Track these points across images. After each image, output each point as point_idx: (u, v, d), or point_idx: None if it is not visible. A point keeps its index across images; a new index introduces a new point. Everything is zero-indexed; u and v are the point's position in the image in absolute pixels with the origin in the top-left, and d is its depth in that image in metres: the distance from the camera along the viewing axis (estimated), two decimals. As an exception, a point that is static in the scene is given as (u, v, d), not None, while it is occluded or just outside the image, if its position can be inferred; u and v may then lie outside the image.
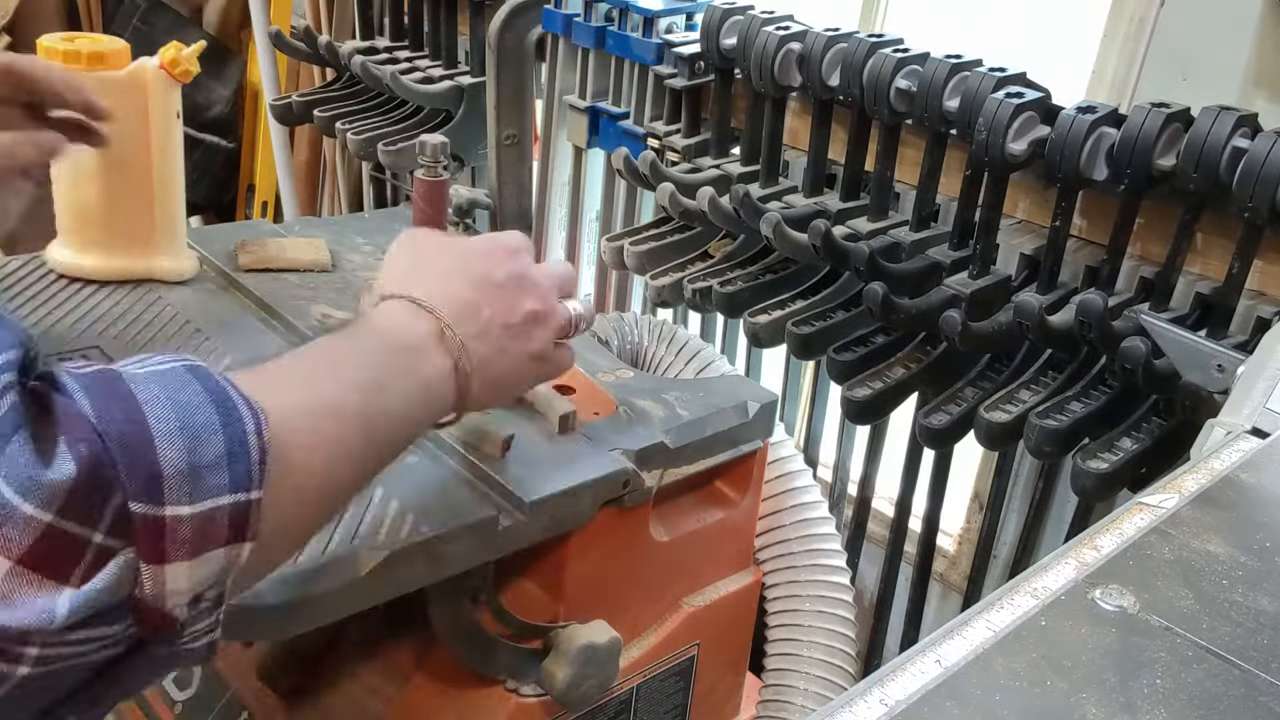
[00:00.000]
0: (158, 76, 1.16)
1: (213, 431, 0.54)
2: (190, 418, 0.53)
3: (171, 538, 0.51)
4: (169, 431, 0.52)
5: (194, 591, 0.53)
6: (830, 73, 1.39)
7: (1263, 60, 1.17)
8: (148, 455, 0.51)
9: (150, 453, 0.51)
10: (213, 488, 0.53)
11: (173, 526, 0.51)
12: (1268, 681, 0.57)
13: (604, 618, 0.96)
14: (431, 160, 1.16)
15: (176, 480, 0.51)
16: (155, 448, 0.51)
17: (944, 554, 1.62)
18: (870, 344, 1.37)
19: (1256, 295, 1.17)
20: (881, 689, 0.55)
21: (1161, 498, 0.74)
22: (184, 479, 0.52)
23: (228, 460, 0.54)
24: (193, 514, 0.52)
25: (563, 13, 1.72)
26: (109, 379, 0.53)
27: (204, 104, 2.68)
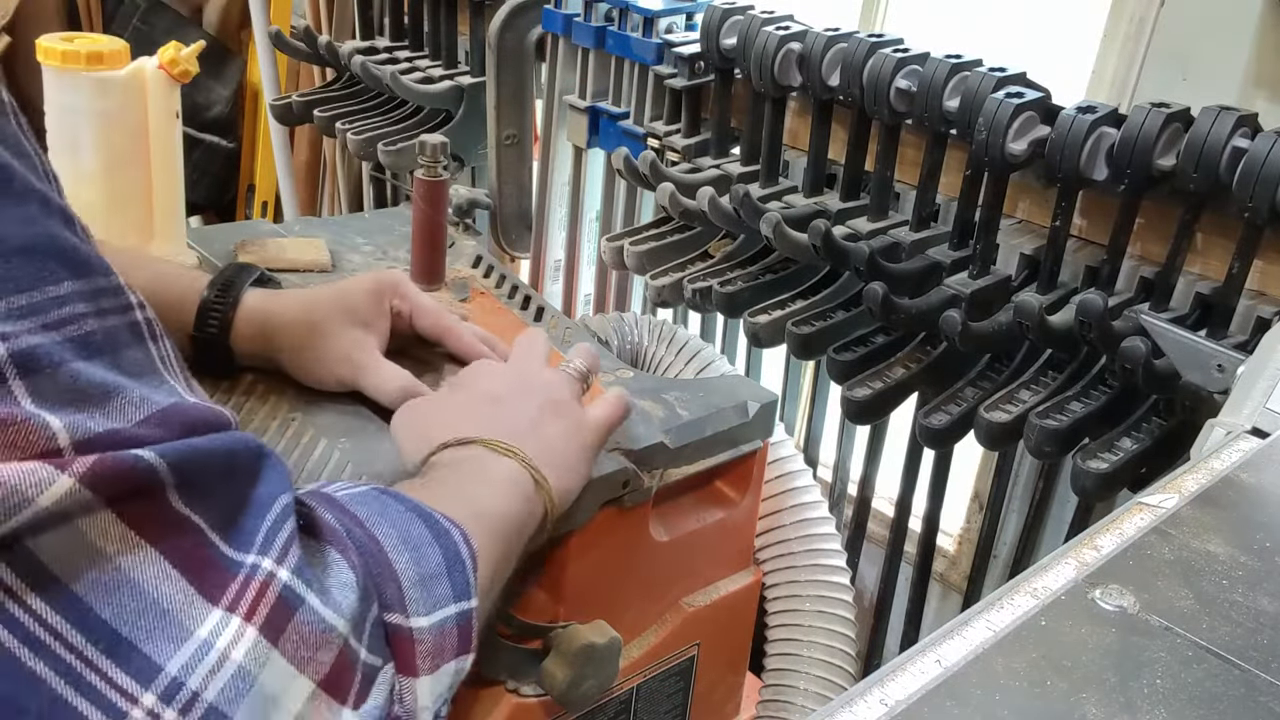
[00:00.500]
0: (157, 76, 1.16)
1: (427, 544, 0.54)
2: (407, 531, 0.53)
3: (419, 650, 0.51)
4: (395, 544, 0.52)
5: (435, 708, 0.52)
6: (830, 73, 1.39)
7: (1263, 60, 1.17)
8: (388, 566, 0.51)
9: (388, 563, 0.51)
10: (440, 598, 0.53)
11: (419, 638, 0.51)
12: (1268, 681, 0.57)
13: (604, 618, 0.96)
14: (431, 160, 1.16)
15: (414, 590, 0.51)
16: (389, 559, 0.51)
17: (944, 554, 1.62)
18: (870, 344, 1.37)
19: (1256, 295, 1.17)
20: (881, 689, 0.55)
21: (1161, 498, 0.74)
22: (418, 589, 0.51)
23: (447, 571, 0.54)
24: (429, 625, 0.51)
25: (563, 13, 1.72)
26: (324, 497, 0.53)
27: (204, 104, 2.68)
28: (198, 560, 0.43)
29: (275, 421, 0.94)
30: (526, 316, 1.22)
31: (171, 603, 0.41)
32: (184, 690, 0.40)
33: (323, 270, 1.28)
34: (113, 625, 0.40)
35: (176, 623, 0.41)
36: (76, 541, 0.40)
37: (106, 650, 0.40)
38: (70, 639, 0.39)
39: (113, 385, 0.42)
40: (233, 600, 0.43)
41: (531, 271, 2.01)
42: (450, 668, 0.53)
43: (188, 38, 1.26)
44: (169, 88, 1.18)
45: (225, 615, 0.42)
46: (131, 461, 0.41)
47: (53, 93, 1.14)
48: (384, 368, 0.93)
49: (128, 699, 0.40)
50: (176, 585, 0.42)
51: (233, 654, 0.42)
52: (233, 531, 0.44)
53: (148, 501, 0.42)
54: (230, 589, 0.43)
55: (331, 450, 0.91)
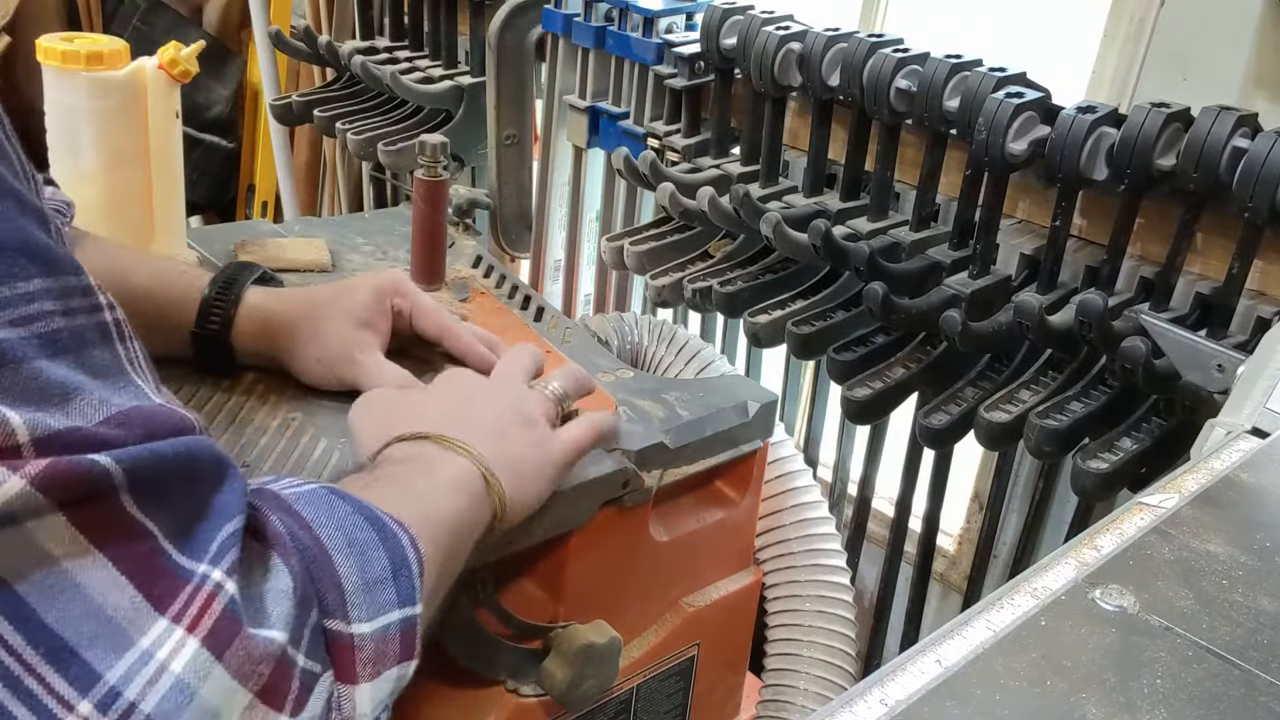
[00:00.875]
0: (157, 76, 1.16)
1: (374, 547, 0.53)
2: (352, 534, 0.52)
3: (360, 657, 0.50)
4: (340, 547, 0.51)
5: (374, 715, 0.52)
6: (830, 73, 1.39)
7: (1263, 60, 1.17)
8: (331, 570, 0.50)
9: (331, 568, 0.50)
10: (384, 604, 0.52)
11: (360, 645, 0.50)
12: (1268, 681, 0.57)
13: (604, 618, 0.96)
14: (431, 160, 1.16)
15: (356, 596, 0.50)
16: (333, 563, 0.50)
17: (944, 554, 1.62)
18: (870, 344, 1.37)
19: (1256, 295, 1.17)
20: (881, 689, 0.55)
21: (1161, 498, 0.74)
22: (361, 594, 0.51)
23: (393, 576, 0.53)
24: (371, 631, 0.51)
25: (563, 13, 1.72)
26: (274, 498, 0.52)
27: (204, 104, 2.68)
28: (148, 567, 0.42)
29: (275, 421, 0.94)
30: (526, 316, 1.22)
31: (116, 610, 0.41)
32: (121, 699, 0.40)
33: (323, 270, 1.28)
34: (55, 630, 0.40)
35: (120, 631, 0.41)
36: (24, 544, 0.39)
37: (46, 655, 0.39)
38: (10, 641, 0.39)
39: (74, 385, 0.42)
40: (179, 611, 0.42)
41: (531, 271, 2.01)
42: (392, 674, 0.53)
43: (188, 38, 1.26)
44: (169, 88, 1.18)
45: (170, 625, 0.42)
46: (87, 466, 0.41)
47: (53, 93, 1.14)
48: (384, 368, 0.93)
49: (64, 706, 0.39)
50: (124, 593, 0.41)
51: (172, 665, 0.41)
52: (186, 540, 0.44)
53: (100, 506, 0.41)
54: (179, 598, 0.43)
55: (331, 450, 0.91)
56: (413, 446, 0.71)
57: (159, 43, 1.19)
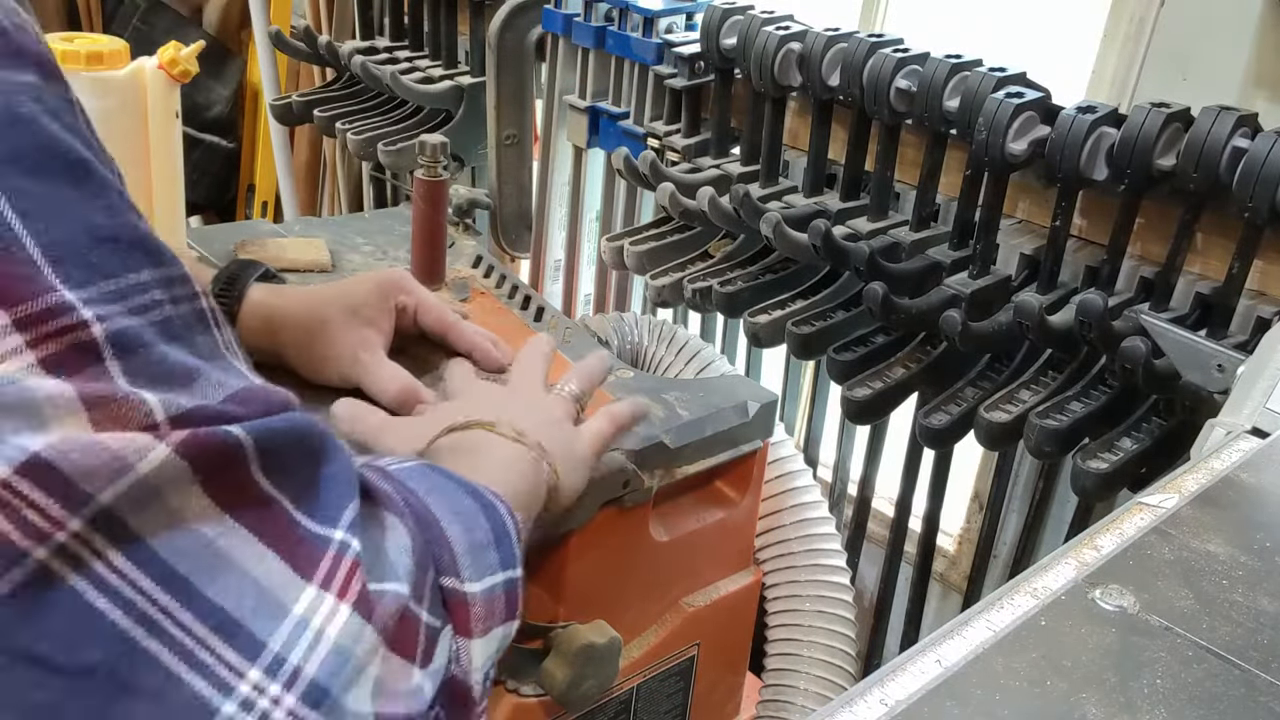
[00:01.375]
0: (157, 76, 1.16)
1: (476, 515, 0.56)
2: (456, 504, 0.56)
3: (473, 614, 0.53)
4: (447, 515, 0.54)
5: (484, 669, 0.55)
6: (830, 73, 1.39)
7: (1263, 60, 1.17)
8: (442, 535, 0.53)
9: (441, 533, 0.53)
10: (490, 565, 0.55)
11: (472, 603, 0.53)
12: (1268, 681, 0.57)
13: (604, 618, 0.96)
14: (431, 160, 1.16)
15: (466, 558, 0.53)
16: (443, 527, 0.53)
17: (944, 554, 1.62)
18: (870, 344, 1.37)
19: (1256, 295, 1.17)
20: (881, 689, 0.55)
21: (1161, 498, 0.74)
22: (469, 557, 0.54)
23: (495, 542, 0.56)
24: (481, 591, 0.54)
25: (563, 13, 1.72)
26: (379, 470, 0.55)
27: (204, 104, 2.68)
28: (287, 537, 0.44)
29: (275, 421, 0.94)
30: (526, 316, 1.22)
31: (269, 580, 0.43)
32: (286, 665, 0.42)
33: (323, 270, 1.28)
34: (218, 603, 0.42)
35: (275, 600, 0.43)
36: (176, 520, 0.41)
37: (215, 628, 0.41)
38: (180, 618, 0.41)
39: (194, 367, 0.44)
40: (325, 577, 0.45)
41: (531, 271, 2.01)
42: (499, 632, 0.56)
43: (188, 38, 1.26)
44: (169, 88, 1.18)
45: (319, 593, 0.44)
46: (222, 436, 0.42)
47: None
48: (385, 368, 0.93)
49: (235, 674, 0.41)
50: (271, 563, 0.43)
51: (328, 631, 0.44)
52: (314, 507, 0.46)
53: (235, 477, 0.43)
54: (321, 565, 0.45)
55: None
56: (463, 436, 0.74)
57: (159, 43, 1.19)
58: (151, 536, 0.41)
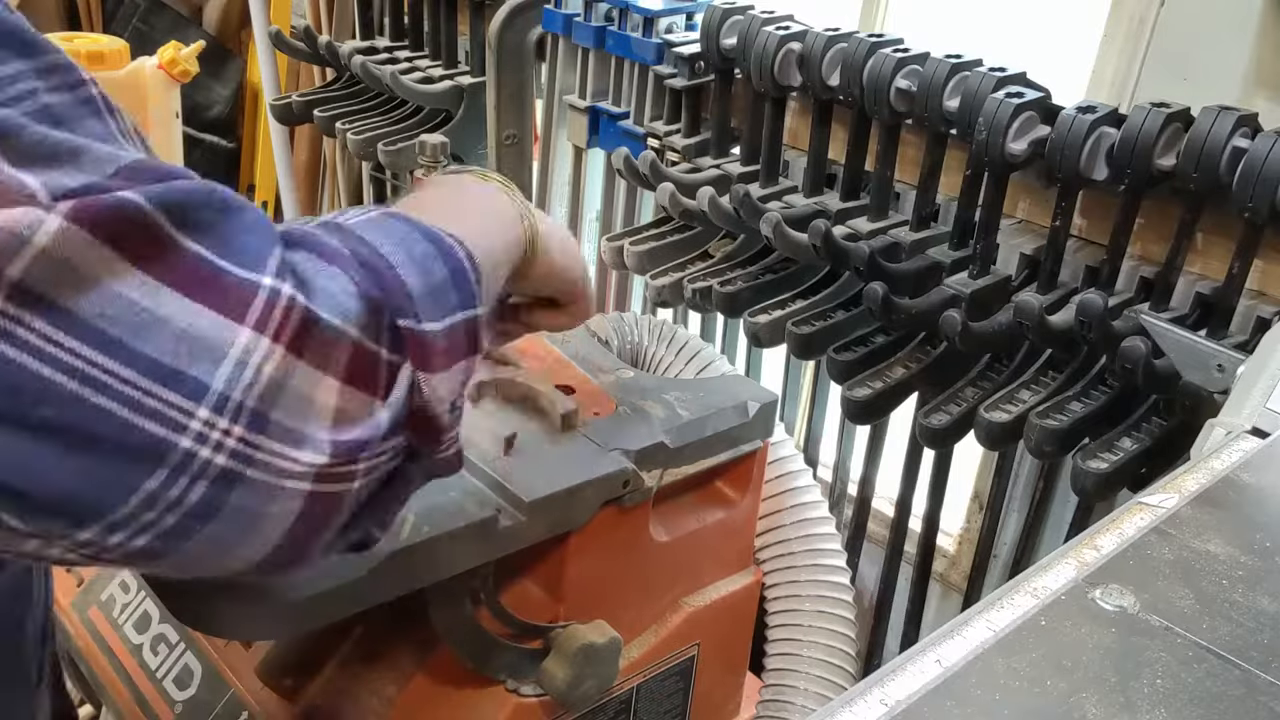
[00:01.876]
0: (156, 76, 1.16)
1: (433, 259, 0.58)
2: (412, 250, 0.58)
3: (433, 350, 0.56)
4: (402, 261, 0.56)
5: (451, 399, 0.58)
6: (830, 73, 1.39)
7: (1263, 60, 1.17)
8: (397, 280, 0.55)
9: (396, 278, 0.56)
10: (449, 306, 0.58)
11: (431, 339, 0.56)
12: (1268, 681, 0.57)
13: (604, 618, 0.96)
14: (431, 160, 1.16)
15: (423, 300, 0.56)
16: (399, 273, 0.56)
17: (944, 554, 1.62)
18: (870, 344, 1.37)
19: (1256, 295, 1.17)
20: (881, 689, 0.55)
21: (1161, 498, 0.74)
22: (428, 299, 0.56)
23: (454, 282, 0.59)
24: (441, 329, 0.57)
25: (563, 13, 1.72)
26: (335, 225, 0.58)
27: (204, 104, 2.68)
28: (215, 286, 0.47)
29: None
30: (526, 316, 1.21)
31: (202, 330, 0.46)
32: (231, 400, 0.47)
33: (323, 270, 1.28)
34: (155, 357, 0.45)
35: (211, 346, 0.47)
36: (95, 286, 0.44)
37: (158, 379, 0.45)
38: (123, 374, 0.45)
39: (80, 145, 0.45)
40: (259, 320, 0.48)
41: (531, 271, 2.00)
42: (461, 366, 0.59)
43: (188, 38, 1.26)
44: (169, 88, 1.18)
45: (254, 334, 0.47)
46: (118, 202, 0.44)
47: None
48: None
49: (185, 414, 0.46)
50: (202, 314, 0.46)
51: (265, 369, 0.48)
52: (238, 254, 0.48)
53: (149, 236, 0.45)
54: (253, 309, 0.48)
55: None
56: (453, 176, 0.77)
57: (159, 43, 1.19)
58: (73, 304, 0.43)
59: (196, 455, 0.47)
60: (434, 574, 0.85)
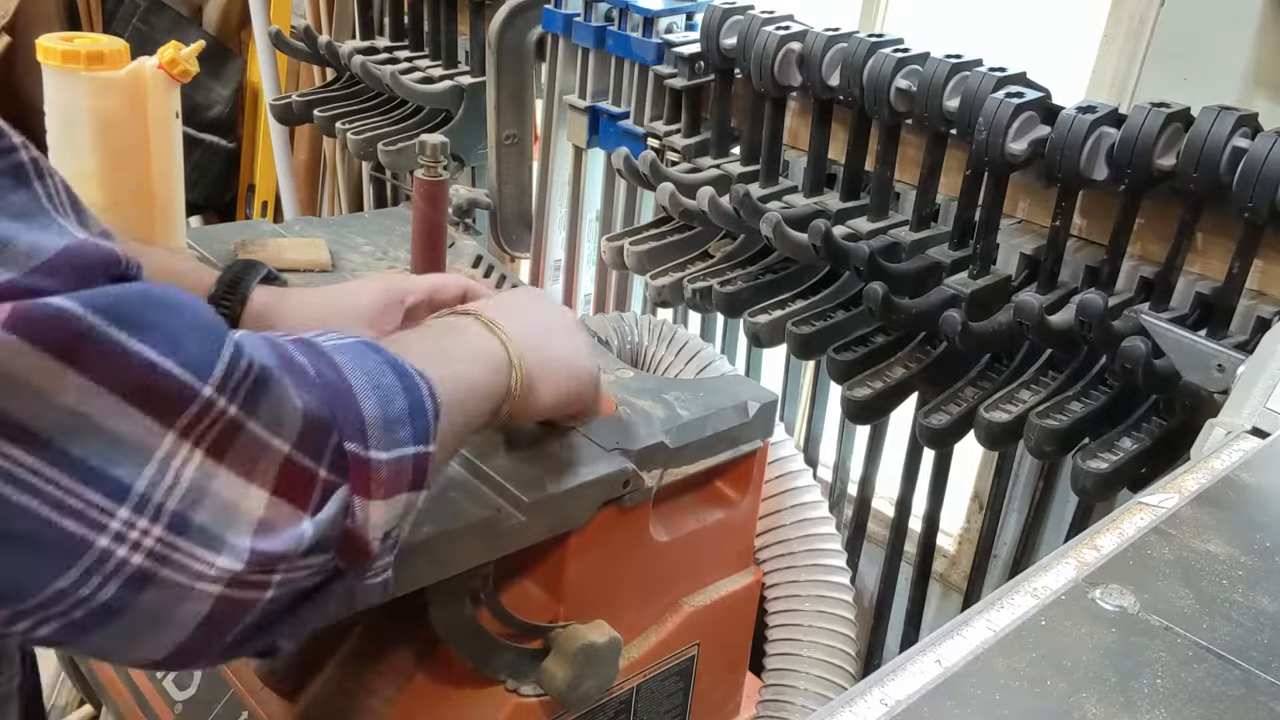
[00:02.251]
0: (157, 76, 1.16)
1: (396, 393, 0.60)
2: (378, 379, 0.59)
3: (375, 478, 0.57)
4: (364, 388, 0.58)
5: (385, 529, 0.59)
6: (830, 73, 1.39)
7: (1263, 60, 1.17)
8: (353, 404, 0.57)
9: (354, 403, 0.57)
10: (401, 439, 0.59)
11: (375, 468, 0.57)
12: (1268, 681, 0.57)
13: (604, 618, 0.96)
14: (431, 160, 1.16)
15: (375, 428, 0.57)
16: (357, 399, 0.57)
17: (944, 554, 1.62)
18: (870, 344, 1.37)
19: (1256, 295, 1.17)
20: (881, 689, 0.55)
21: (1161, 498, 0.74)
22: (380, 428, 0.58)
23: (410, 417, 0.60)
24: (388, 459, 0.58)
25: (563, 13, 1.72)
26: (308, 343, 0.59)
27: (204, 104, 2.68)
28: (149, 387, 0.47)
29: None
30: (526, 316, 1.21)
31: (131, 432, 0.47)
32: (152, 503, 0.48)
33: (323, 270, 1.28)
34: (81, 457, 0.46)
35: (137, 449, 0.47)
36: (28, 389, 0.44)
37: (81, 479, 0.46)
38: (48, 474, 0.46)
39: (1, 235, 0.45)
40: (187, 425, 0.48)
41: (531, 271, 2.01)
42: (403, 498, 0.60)
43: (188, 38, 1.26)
44: (169, 88, 1.18)
45: (178, 440, 0.48)
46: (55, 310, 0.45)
47: (53, 93, 1.14)
48: None
49: (105, 514, 0.47)
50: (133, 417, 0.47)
51: (185, 472, 0.49)
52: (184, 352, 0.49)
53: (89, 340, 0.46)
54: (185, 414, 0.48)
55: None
56: (453, 317, 0.79)
57: (159, 43, 1.19)
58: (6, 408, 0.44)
59: (112, 554, 0.47)
60: (434, 574, 0.85)
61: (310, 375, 0.55)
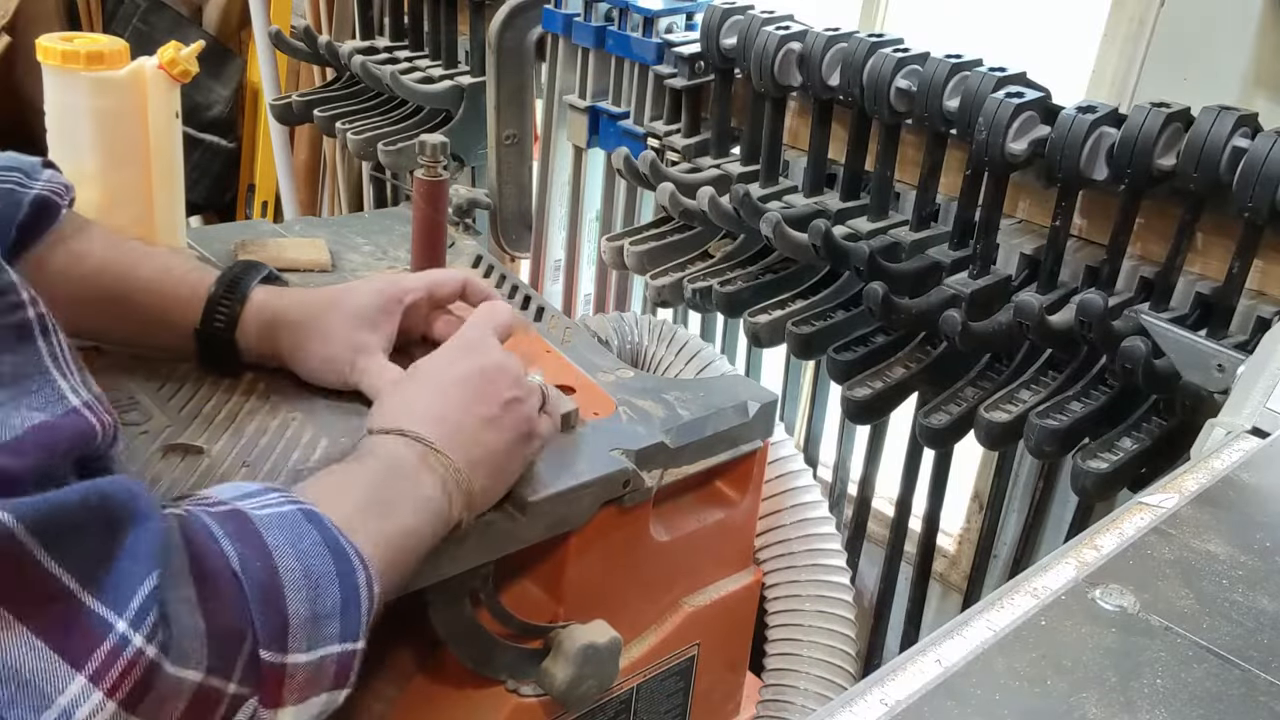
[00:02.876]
0: (157, 76, 1.16)
1: (329, 583, 0.56)
2: (311, 566, 0.55)
3: (289, 685, 0.54)
4: (294, 581, 0.54)
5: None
6: (830, 73, 1.39)
7: (1263, 60, 1.17)
8: (278, 605, 0.53)
9: (280, 602, 0.53)
10: (327, 637, 0.55)
11: (291, 673, 0.54)
12: (1268, 681, 0.57)
13: (604, 618, 0.96)
14: (431, 160, 1.16)
15: (299, 630, 0.54)
16: (284, 597, 0.53)
17: (944, 554, 1.62)
18: (870, 344, 1.37)
19: (1256, 295, 1.17)
20: (881, 689, 0.55)
21: (1161, 497, 0.74)
22: (305, 627, 0.54)
23: (341, 610, 0.56)
24: (308, 661, 0.54)
25: (563, 13, 1.72)
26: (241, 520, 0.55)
27: (204, 104, 2.68)
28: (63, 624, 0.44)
29: (275, 421, 0.94)
30: (527, 316, 1.22)
31: (36, 671, 0.43)
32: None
33: (323, 270, 1.28)
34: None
35: (40, 691, 0.43)
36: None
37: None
38: None
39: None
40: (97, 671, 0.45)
41: (531, 271, 2.01)
42: (320, 699, 0.56)
43: (188, 38, 1.26)
44: (169, 88, 1.18)
45: (88, 686, 0.44)
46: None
47: (53, 92, 1.14)
48: (386, 371, 0.93)
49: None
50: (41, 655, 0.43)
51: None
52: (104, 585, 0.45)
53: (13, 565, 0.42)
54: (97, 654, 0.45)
55: (332, 449, 0.91)
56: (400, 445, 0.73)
57: (159, 43, 1.19)
58: None
59: None
60: (434, 574, 0.85)
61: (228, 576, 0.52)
